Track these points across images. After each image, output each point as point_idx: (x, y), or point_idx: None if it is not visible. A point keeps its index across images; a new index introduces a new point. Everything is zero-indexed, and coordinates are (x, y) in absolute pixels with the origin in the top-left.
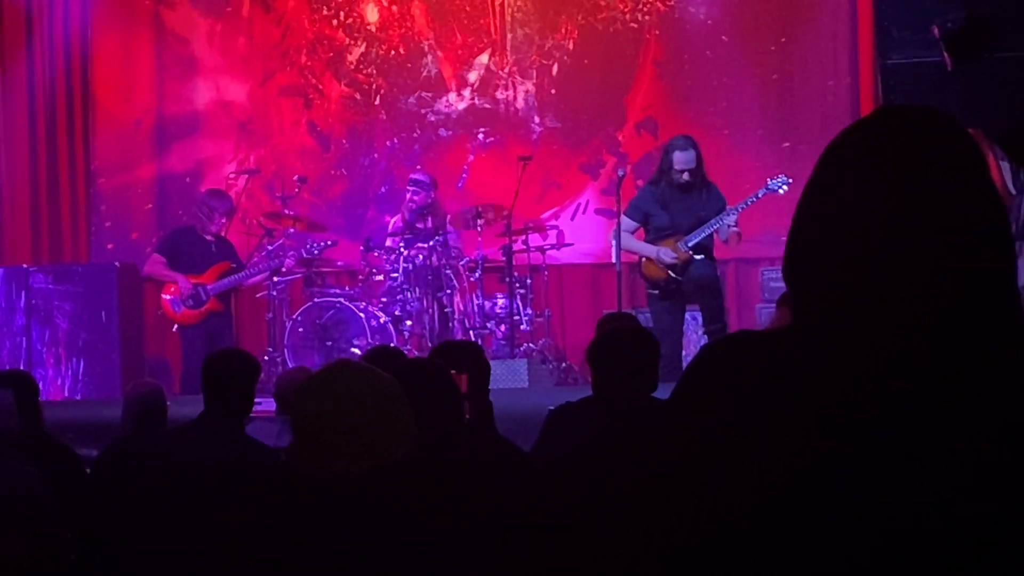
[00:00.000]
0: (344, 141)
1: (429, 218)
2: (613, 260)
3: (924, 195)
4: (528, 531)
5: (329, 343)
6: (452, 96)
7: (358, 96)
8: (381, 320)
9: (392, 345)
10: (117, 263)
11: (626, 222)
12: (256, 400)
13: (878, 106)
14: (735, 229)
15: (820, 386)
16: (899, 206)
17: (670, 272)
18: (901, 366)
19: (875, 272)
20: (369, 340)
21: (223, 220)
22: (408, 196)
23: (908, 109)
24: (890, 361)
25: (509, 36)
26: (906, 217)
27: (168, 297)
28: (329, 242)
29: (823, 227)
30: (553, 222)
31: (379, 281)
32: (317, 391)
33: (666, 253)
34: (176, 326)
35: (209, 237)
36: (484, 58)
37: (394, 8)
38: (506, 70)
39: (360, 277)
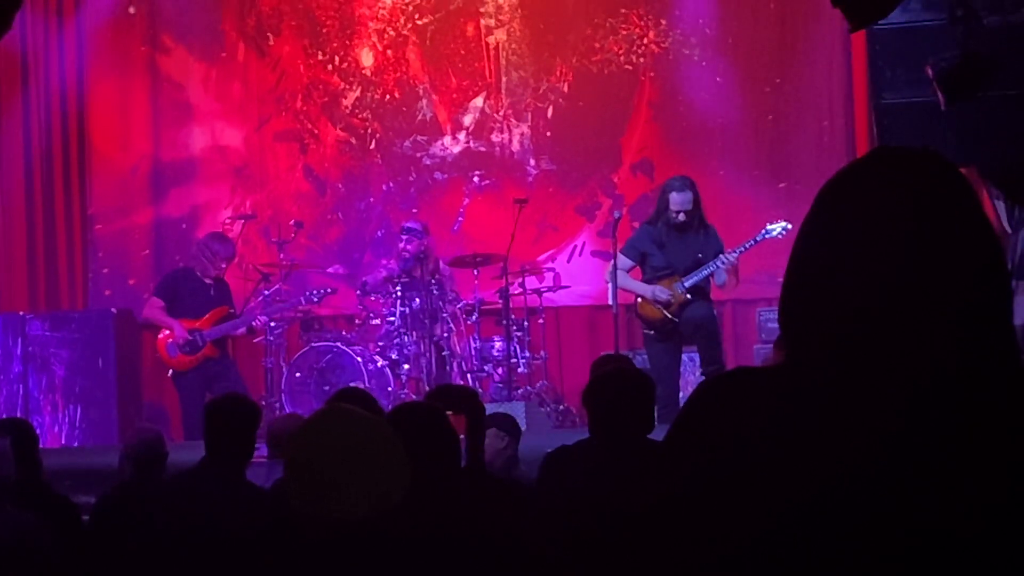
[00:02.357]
0: (340, 185)
1: (422, 266)
2: (610, 302)
3: (919, 238)
4: (527, 572)
5: (327, 388)
6: (447, 139)
7: (354, 140)
8: (378, 364)
9: (360, 387)
10: (114, 309)
11: (622, 260)
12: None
13: (872, 148)
14: (733, 264)
15: (816, 425)
16: (894, 249)
17: (666, 313)
18: (896, 407)
19: (870, 314)
20: (367, 384)
21: (224, 264)
22: (401, 245)
23: (902, 151)
24: (885, 402)
25: (504, 79)
26: (901, 259)
27: (166, 343)
28: (329, 289)
29: (818, 270)
30: (549, 264)
31: (376, 325)
32: (309, 439)
33: (662, 292)
34: (171, 372)
35: (208, 281)
36: (479, 101)
37: (389, 52)
38: (501, 113)
39: (357, 321)
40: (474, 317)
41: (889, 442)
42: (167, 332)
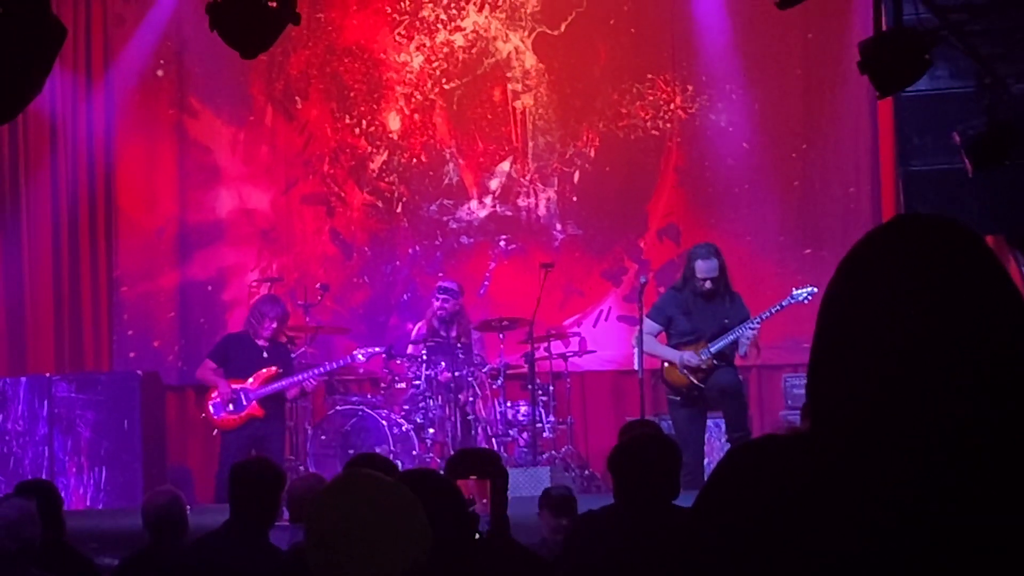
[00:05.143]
0: (366, 249)
1: (455, 326)
2: (635, 367)
3: (941, 306)
4: None
5: (351, 451)
6: (474, 203)
7: (380, 204)
8: (403, 428)
9: (381, 452)
10: (139, 372)
11: (649, 324)
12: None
13: (895, 215)
14: (755, 333)
15: (842, 494)
16: (916, 317)
17: (692, 379)
18: (922, 477)
19: (894, 383)
20: (391, 448)
21: (274, 325)
22: (438, 304)
23: (924, 219)
24: (912, 472)
25: (530, 144)
26: (924, 328)
27: (211, 402)
28: (377, 349)
29: (841, 338)
30: (575, 329)
31: (401, 388)
32: (329, 504)
33: (691, 357)
34: (216, 431)
35: (261, 342)
36: (506, 166)
37: (416, 116)
38: (528, 177)
39: (382, 385)
40: (499, 381)
41: (914, 511)
42: (215, 392)
